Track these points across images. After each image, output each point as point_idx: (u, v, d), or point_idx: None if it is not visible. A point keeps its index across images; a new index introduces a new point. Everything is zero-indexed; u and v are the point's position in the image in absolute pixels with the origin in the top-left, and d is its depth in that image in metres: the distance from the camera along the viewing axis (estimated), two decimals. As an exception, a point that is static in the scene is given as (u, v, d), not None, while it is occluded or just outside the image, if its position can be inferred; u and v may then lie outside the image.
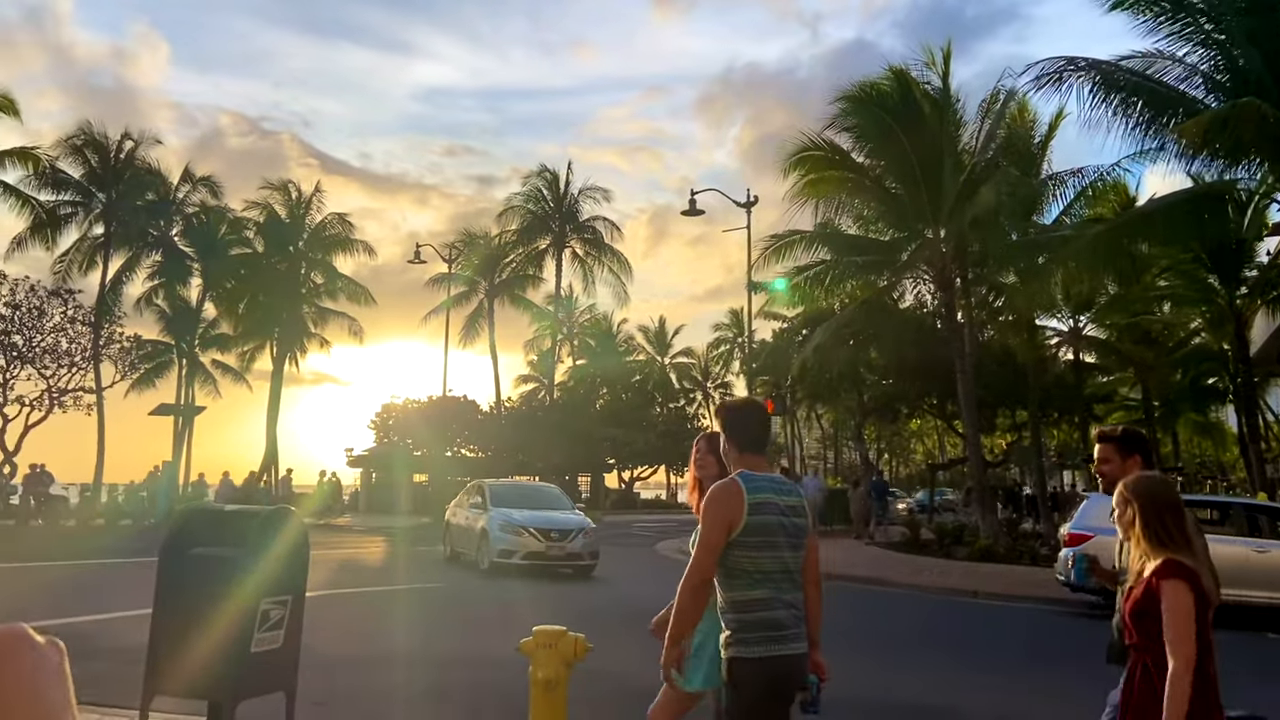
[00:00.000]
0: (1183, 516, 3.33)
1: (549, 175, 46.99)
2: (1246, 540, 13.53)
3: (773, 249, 25.15)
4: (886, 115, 23.17)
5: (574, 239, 47.39)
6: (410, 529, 31.33)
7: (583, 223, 47.41)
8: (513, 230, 46.75)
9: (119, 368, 36.11)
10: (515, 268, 47.53)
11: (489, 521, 17.09)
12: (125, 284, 39.18)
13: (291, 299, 42.33)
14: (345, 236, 43.72)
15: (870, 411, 36.27)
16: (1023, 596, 15.28)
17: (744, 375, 43.52)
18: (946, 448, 56.07)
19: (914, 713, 7.51)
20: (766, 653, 3.36)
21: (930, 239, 24.45)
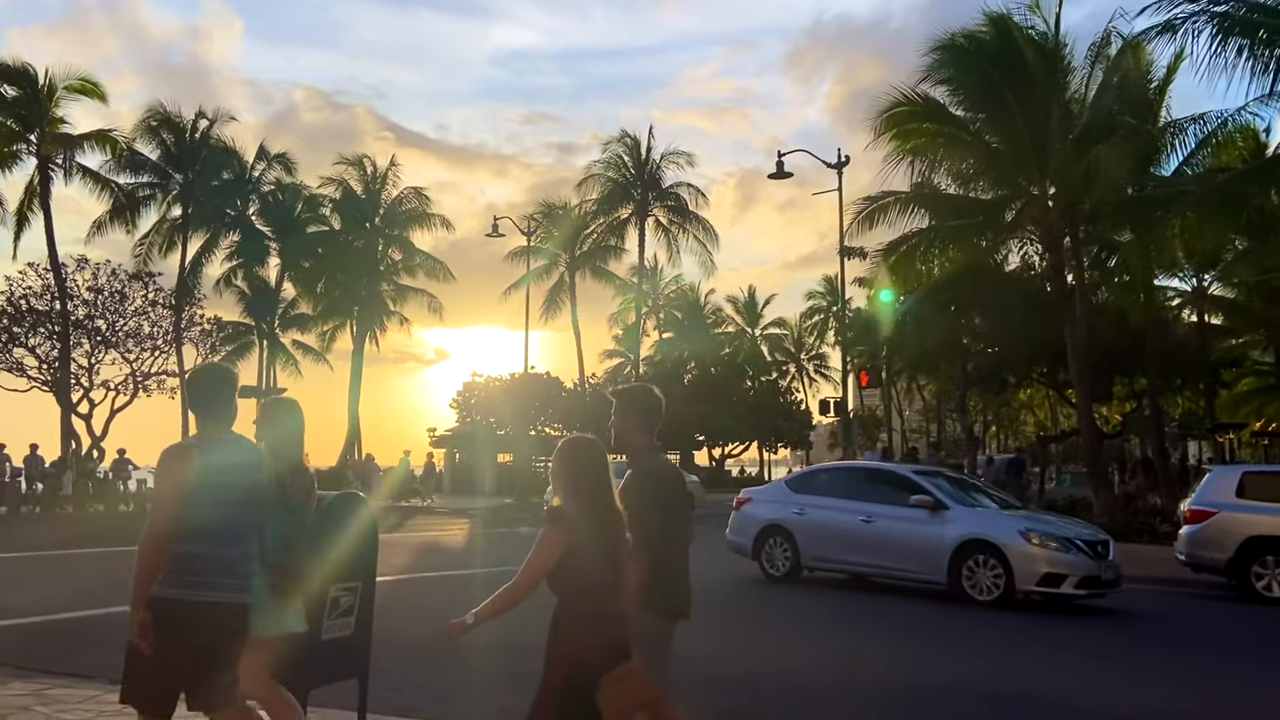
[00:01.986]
0: None
1: (630, 141, 47.11)
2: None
3: (866, 212, 24.75)
4: (986, 64, 22.46)
5: (657, 207, 47.42)
6: (494, 510, 31.74)
7: (666, 190, 47.35)
8: (593, 200, 47.04)
9: (200, 350, 37.33)
10: (597, 239, 47.83)
11: (991, 527, 12.14)
12: (204, 265, 40.39)
13: (369, 276, 43.08)
14: (422, 211, 44.41)
15: (974, 381, 35.48)
16: (1142, 578, 14.78)
17: (839, 346, 42.22)
18: (1059, 419, 54.46)
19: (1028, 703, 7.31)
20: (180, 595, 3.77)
21: (1036, 196, 23.68)
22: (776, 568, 13.91)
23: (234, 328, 42.39)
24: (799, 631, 10.57)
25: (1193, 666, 9.02)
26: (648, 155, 46.89)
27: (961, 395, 38.62)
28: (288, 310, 44.06)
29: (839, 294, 38.26)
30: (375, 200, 43.92)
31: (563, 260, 47.60)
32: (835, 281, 53.93)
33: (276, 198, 41.72)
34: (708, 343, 59.67)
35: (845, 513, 13.23)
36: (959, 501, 12.72)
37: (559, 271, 47.78)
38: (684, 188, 47.39)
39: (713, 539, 22.00)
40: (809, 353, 70.68)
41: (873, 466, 16.77)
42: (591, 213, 47.12)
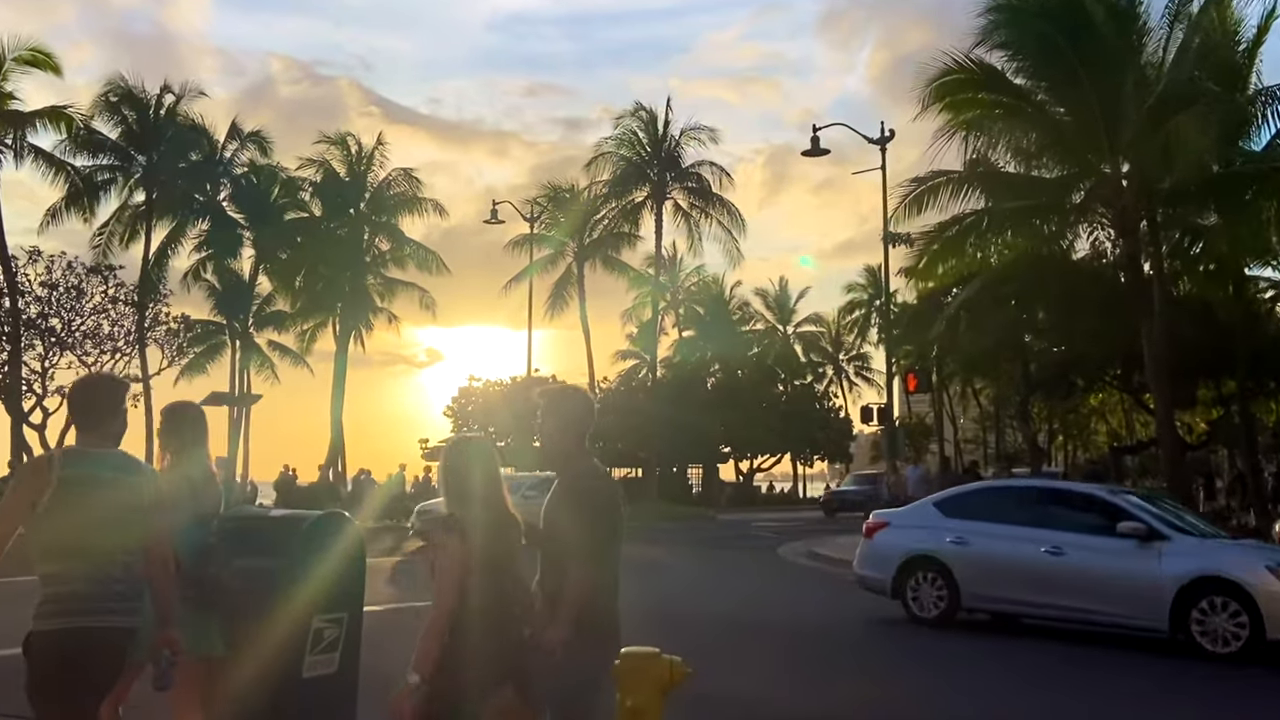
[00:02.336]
0: None
1: (645, 115, 47.41)
2: None
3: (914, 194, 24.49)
4: (1049, 26, 22.14)
5: (676, 189, 47.70)
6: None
7: (686, 169, 47.65)
8: (604, 181, 47.42)
9: (166, 352, 38.15)
10: (609, 225, 48.18)
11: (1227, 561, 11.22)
12: (170, 257, 41.13)
13: (354, 269, 43.68)
14: (413, 195, 44.95)
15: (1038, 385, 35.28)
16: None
17: (883, 345, 43.14)
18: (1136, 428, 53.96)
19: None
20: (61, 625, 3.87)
21: (1108, 175, 23.42)
22: (926, 608, 12.77)
23: (203, 327, 43.06)
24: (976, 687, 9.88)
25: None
26: (665, 130, 47.26)
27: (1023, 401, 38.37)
28: (263, 307, 44.59)
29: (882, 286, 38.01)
30: (360, 183, 44.39)
31: (570, 249, 48.10)
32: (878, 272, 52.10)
33: (250, 181, 42.26)
34: (734, 342, 59.86)
35: (1023, 542, 12.13)
36: (1178, 529, 11.66)
37: (566, 262, 48.31)
38: (706, 167, 47.83)
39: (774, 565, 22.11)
40: (849, 353, 70.63)
41: (1055, 486, 16.07)
42: (602, 196, 47.45)
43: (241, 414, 42.26)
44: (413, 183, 44.99)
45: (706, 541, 28.87)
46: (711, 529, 35.00)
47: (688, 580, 18.92)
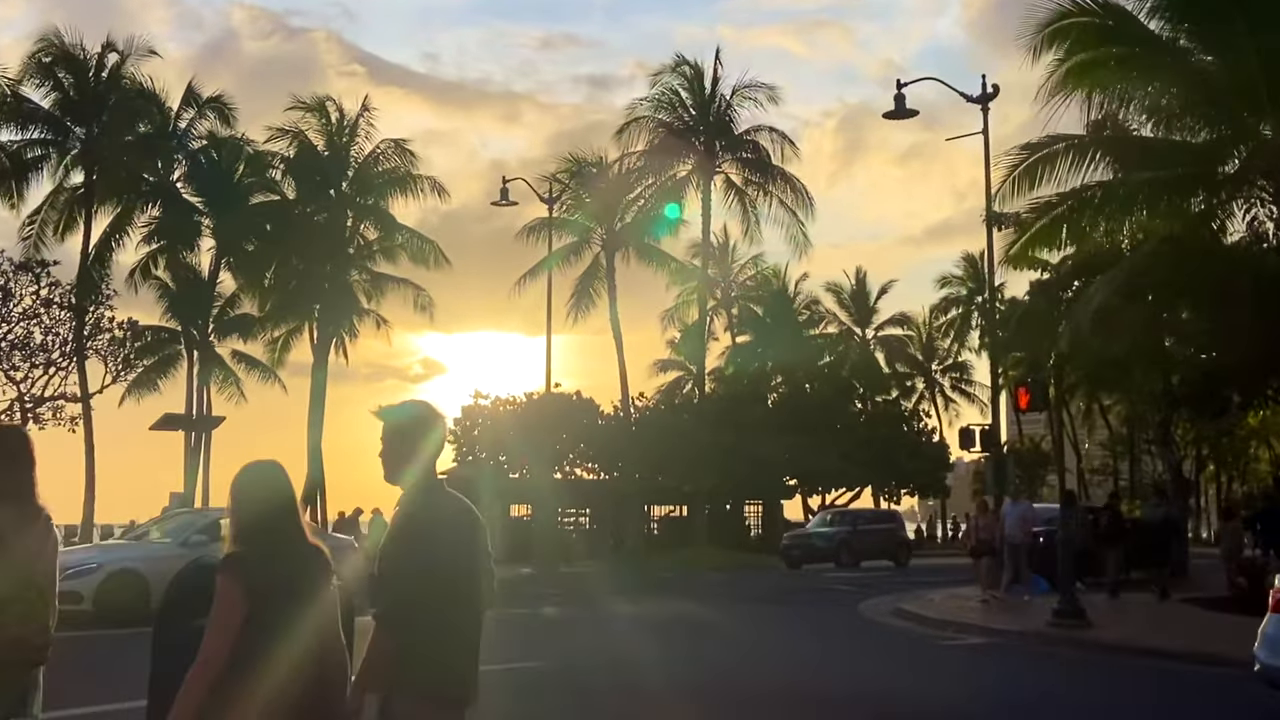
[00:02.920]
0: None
1: (689, 70, 47.46)
2: None
3: (1025, 164, 24.39)
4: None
5: (728, 161, 47.95)
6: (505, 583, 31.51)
7: (740, 137, 47.81)
8: (639, 152, 47.38)
9: (110, 365, 37.88)
10: (645, 206, 48.10)
11: None
12: (114, 251, 41.40)
13: (335, 262, 43.77)
14: (406, 172, 44.97)
15: (1182, 401, 34.62)
16: None
17: (987, 353, 42.89)
18: (1309, 454, 53.42)
19: None
20: None
21: (1270, 139, 23.24)
22: None
23: (154, 334, 42.88)
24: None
25: None
26: (714, 90, 47.51)
27: (1164, 420, 38.05)
28: (226, 310, 44.54)
29: (985, 279, 38.24)
30: (342, 158, 44.61)
31: (597, 237, 48.12)
32: (979, 262, 53.80)
33: (210, 157, 42.59)
34: (800, 349, 59.26)
35: None
36: None
37: (592, 252, 48.39)
38: (765, 133, 48.05)
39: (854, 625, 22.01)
40: (944, 362, 70.59)
41: None
42: (637, 170, 47.63)
43: (200, 440, 41.97)
44: (406, 157, 45.04)
45: (769, 597, 28.85)
46: (775, 581, 34.88)
47: (747, 646, 18.79)
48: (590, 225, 47.83)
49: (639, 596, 26.75)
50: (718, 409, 48.85)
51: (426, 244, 45.43)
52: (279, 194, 44.46)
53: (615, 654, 16.82)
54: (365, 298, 45.46)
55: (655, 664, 15.23)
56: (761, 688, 13.39)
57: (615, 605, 24.64)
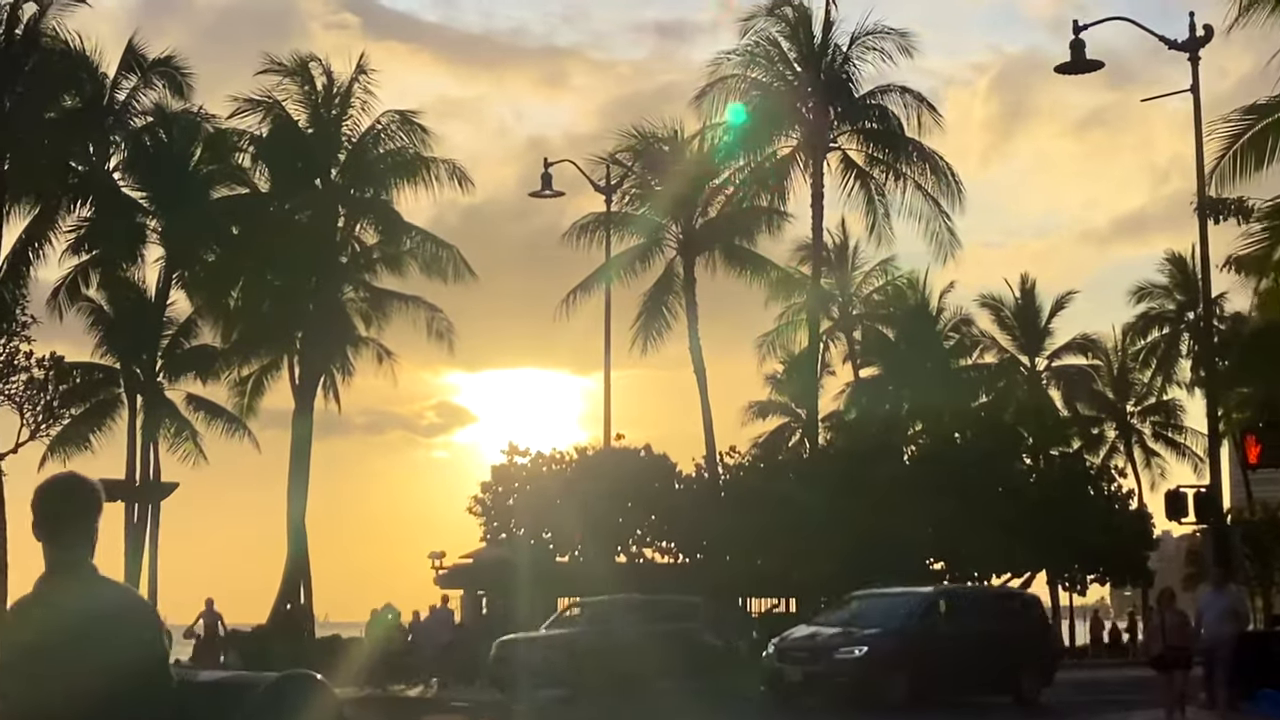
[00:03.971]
0: None
1: (792, 11, 42.04)
2: None
3: (1250, 135, 23.61)
4: None
5: (846, 133, 43.11)
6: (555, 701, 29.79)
7: (862, 101, 42.75)
8: (722, 124, 42.10)
9: (27, 416, 34.65)
10: (735, 196, 43.74)
11: None
12: (33, 263, 37.53)
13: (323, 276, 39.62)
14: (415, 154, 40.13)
15: None
16: None
17: (1204, 388, 38.59)
18: None
19: None
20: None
21: None
22: None
23: (86, 374, 38.58)
24: None
25: None
26: (826, 38, 42.24)
27: None
28: (179, 341, 40.39)
29: (1200, 288, 34.67)
30: (331, 138, 40.07)
31: (672, 237, 43.07)
32: (1191, 267, 49.61)
33: (157, 138, 38.46)
34: (947, 385, 52.36)
35: None
36: None
37: (665, 258, 43.54)
38: (895, 95, 42.53)
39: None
40: (1143, 402, 63.08)
41: None
42: (725, 148, 42.57)
43: (146, 514, 38.04)
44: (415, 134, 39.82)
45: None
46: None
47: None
48: (662, 222, 42.46)
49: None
50: (836, 468, 42.76)
51: (444, 250, 40.21)
52: (248, 186, 40.00)
53: None
54: (363, 322, 40.87)
55: None
56: None
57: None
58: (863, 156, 42.58)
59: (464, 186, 41.77)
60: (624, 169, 40.77)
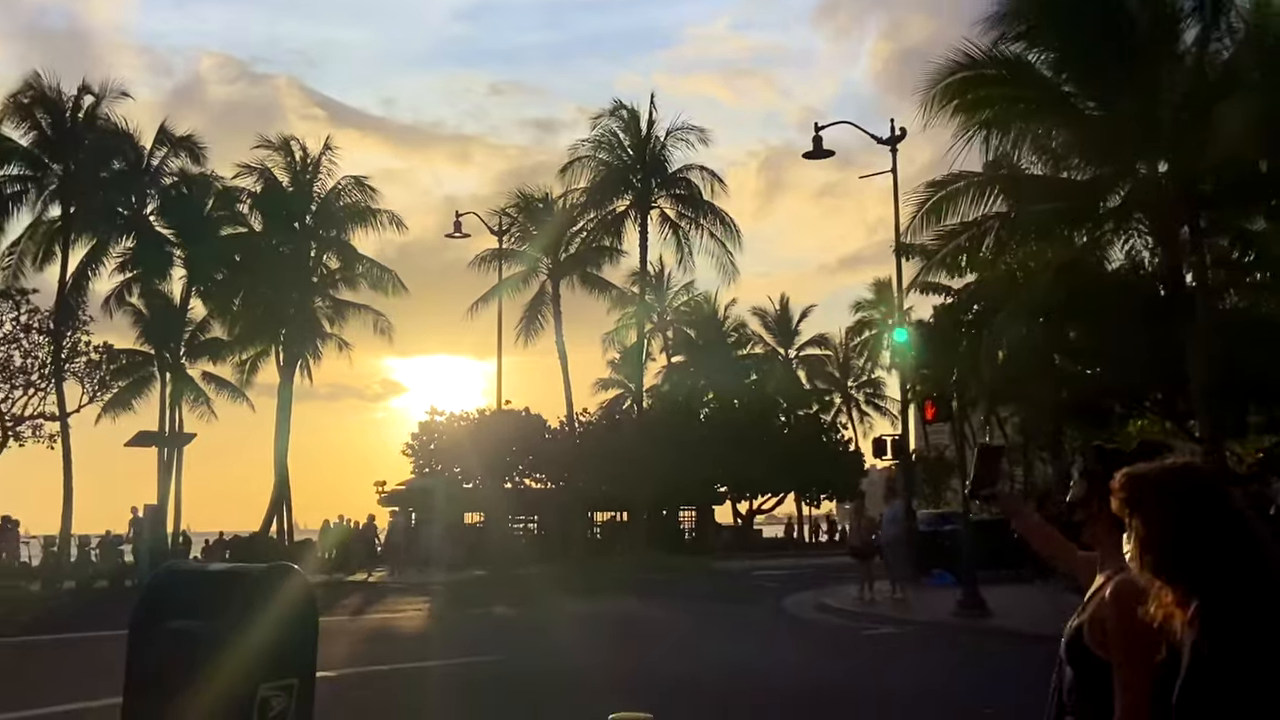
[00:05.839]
0: None
1: (626, 114, 47.38)
2: None
3: (931, 202, 24.76)
4: (1075, 13, 22.47)
5: (662, 197, 47.67)
6: (460, 584, 31.85)
7: (673, 175, 47.67)
8: (581, 189, 47.05)
9: (87, 386, 36.88)
10: (587, 239, 47.91)
11: None
12: (90, 279, 40.17)
13: (300, 290, 43.28)
14: (365, 206, 44.44)
15: (1071, 412, 35.17)
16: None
17: (897, 370, 43.46)
18: (1180, 459, 53.86)
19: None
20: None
21: (1145, 176, 23.66)
22: None
23: (129, 357, 42.36)
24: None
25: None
26: (649, 132, 47.15)
27: (1055, 430, 38.37)
28: (196, 334, 43.87)
29: (896, 304, 36.84)
30: (306, 194, 44.08)
31: (544, 266, 47.73)
32: (890, 288, 50.24)
33: (181, 192, 41.59)
34: (729, 368, 59.20)
35: None
36: None
37: (539, 281, 48.05)
38: (696, 172, 47.67)
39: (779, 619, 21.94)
40: (859, 379, 70.18)
41: None
42: (580, 205, 47.38)
43: (173, 456, 41.23)
44: (366, 192, 44.53)
45: (702, 594, 28.76)
46: (707, 579, 35.00)
47: (681, 638, 18.78)
48: (537, 256, 47.36)
49: (584, 596, 26.54)
50: (655, 424, 48.66)
51: (385, 273, 45.00)
52: (246, 226, 43.56)
53: (560, 648, 16.76)
54: (328, 323, 44.87)
55: (598, 656, 15.27)
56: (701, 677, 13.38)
57: (562, 604, 24.47)
58: (674, 212, 47.18)
59: (399, 229, 45.83)
60: (511, 219, 45.27)
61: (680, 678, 13.04)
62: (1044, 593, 23.83)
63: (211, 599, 5.23)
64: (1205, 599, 2.64)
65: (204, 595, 5.33)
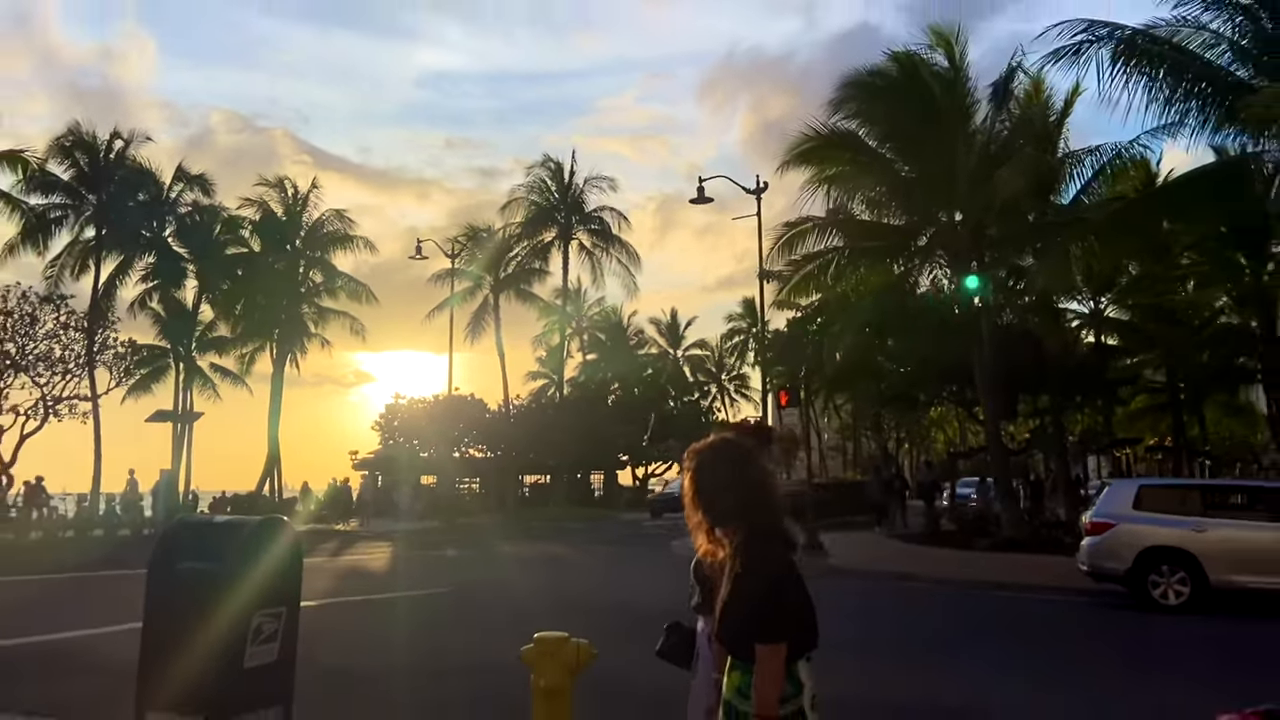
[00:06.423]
0: None
1: (553, 165, 47.44)
2: (1278, 525, 13.14)
3: (785, 238, 25.11)
4: (895, 99, 22.86)
5: (580, 231, 47.64)
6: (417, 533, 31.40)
7: (589, 213, 47.66)
8: (517, 223, 47.29)
9: (114, 374, 35.99)
10: (521, 262, 47.90)
11: None
12: (118, 288, 39.10)
13: (290, 298, 42.36)
14: (344, 233, 43.69)
15: (888, 401, 35.91)
16: (1046, 586, 15.18)
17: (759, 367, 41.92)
18: (968, 436, 55.11)
19: (943, 716, 7.35)
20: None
21: (945, 223, 24.16)
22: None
23: (149, 351, 41.00)
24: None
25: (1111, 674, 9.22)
26: (571, 180, 47.43)
27: (876, 414, 39.00)
28: (205, 333, 42.68)
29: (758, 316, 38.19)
30: (296, 222, 43.10)
31: (487, 283, 47.52)
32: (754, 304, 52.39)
33: (194, 219, 40.44)
34: (631, 364, 59.13)
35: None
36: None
37: (483, 294, 47.82)
38: (607, 211, 47.75)
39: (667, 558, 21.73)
40: (730, 373, 70.23)
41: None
42: (515, 236, 47.07)
43: (185, 430, 40.21)
44: (344, 222, 43.92)
45: (608, 539, 28.70)
46: (612, 528, 34.68)
47: (591, 573, 18.80)
48: (482, 275, 47.09)
49: (515, 541, 26.40)
50: (572, 406, 48.58)
51: (360, 286, 44.32)
52: (247, 248, 42.55)
53: (498, 581, 16.66)
54: (312, 325, 44.04)
55: (527, 587, 15.24)
56: (606, 601, 13.35)
57: (498, 547, 24.32)
58: (589, 243, 47.34)
59: (372, 251, 46.06)
60: (461, 246, 45.28)
61: (592, 602, 12.98)
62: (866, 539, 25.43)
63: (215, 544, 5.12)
64: (738, 534, 2.94)
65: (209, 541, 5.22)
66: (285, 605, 5.22)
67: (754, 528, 2.93)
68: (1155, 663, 9.92)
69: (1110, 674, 9.20)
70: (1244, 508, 14.15)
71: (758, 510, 2.97)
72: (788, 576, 2.91)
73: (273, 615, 5.11)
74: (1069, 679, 8.80)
